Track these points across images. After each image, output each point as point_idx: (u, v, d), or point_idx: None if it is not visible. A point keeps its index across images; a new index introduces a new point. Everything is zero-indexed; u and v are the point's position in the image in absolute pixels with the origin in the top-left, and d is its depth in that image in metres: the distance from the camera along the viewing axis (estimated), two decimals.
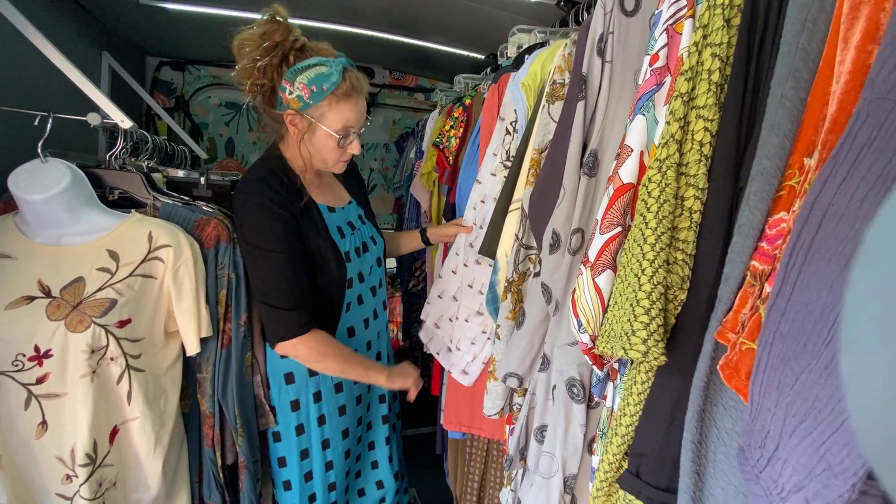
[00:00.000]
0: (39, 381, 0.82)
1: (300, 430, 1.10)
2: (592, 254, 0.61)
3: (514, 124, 1.05)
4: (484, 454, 1.42)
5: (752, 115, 0.52)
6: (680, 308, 0.53)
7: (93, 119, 0.98)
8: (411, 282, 2.18)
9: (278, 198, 0.98)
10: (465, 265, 1.25)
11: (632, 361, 0.63)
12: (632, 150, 0.59)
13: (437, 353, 1.33)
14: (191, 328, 0.95)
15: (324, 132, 0.99)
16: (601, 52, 0.75)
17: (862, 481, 0.31)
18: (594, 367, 0.66)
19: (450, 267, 1.33)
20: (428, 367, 1.96)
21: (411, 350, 2.25)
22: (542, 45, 1.14)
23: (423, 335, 1.42)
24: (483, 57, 1.80)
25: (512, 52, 1.32)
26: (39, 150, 0.89)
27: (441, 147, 1.51)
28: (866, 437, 0.20)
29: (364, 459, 1.29)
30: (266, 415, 1.10)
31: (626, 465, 0.61)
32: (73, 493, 0.84)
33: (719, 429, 0.50)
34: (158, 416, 0.93)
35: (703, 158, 0.53)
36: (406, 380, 1.11)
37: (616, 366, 0.68)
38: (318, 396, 1.11)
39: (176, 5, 1.54)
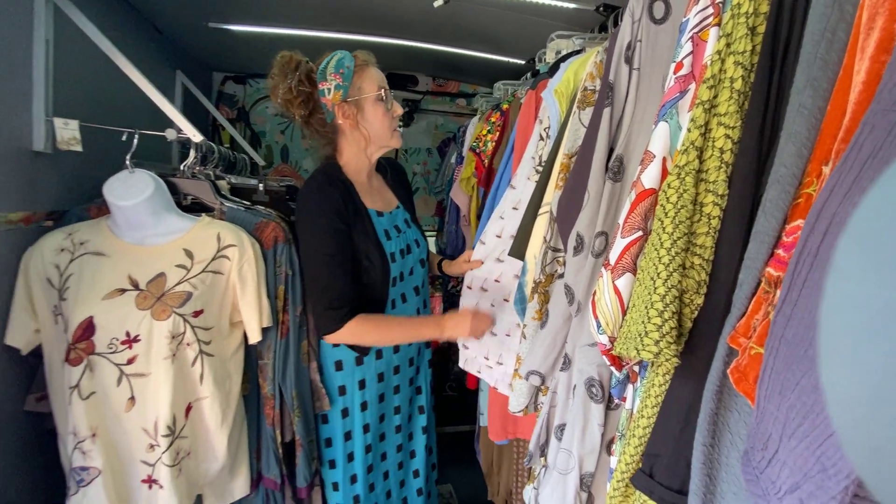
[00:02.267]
0: (129, 361, 0.95)
1: (345, 413, 1.20)
2: (613, 257, 0.63)
3: (547, 130, 1.08)
4: (516, 453, 1.46)
5: (774, 123, 0.53)
6: (697, 312, 0.55)
7: (170, 135, 1.11)
8: (451, 283, 2.24)
9: (334, 206, 1.09)
10: (496, 280, 1.28)
11: (651, 364, 0.65)
12: (654, 156, 0.61)
13: (479, 372, 1.33)
14: (253, 318, 1.06)
15: (370, 101, 1.12)
16: (629, 60, 0.77)
17: (855, 484, 0.32)
18: (612, 369, 0.68)
19: (478, 285, 1.32)
20: None
21: (451, 349, 2.32)
22: (578, 52, 1.16)
23: (461, 357, 1.39)
24: (523, 62, 1.83)
25: (550, 57, 1.35)
26: (128, 162, 1.03)
27: (478, 151, 1.56)
28: (850, 444, 0.21)
29: (405, 449, 1.36)
30: (321, 398, 1.20)
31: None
32: (156, 461, 0.97)
33: (732, 433, 0.51)
34: (225, 396, 1.04)
35: (723, 165, 0.54)
36: (460, 327, 1.16)
37: (636, 368, 0.70)
38: (362, 384, 1.20)
39: (240, 27, 1.70)
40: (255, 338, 1.08)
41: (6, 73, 0.95)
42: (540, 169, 1.06)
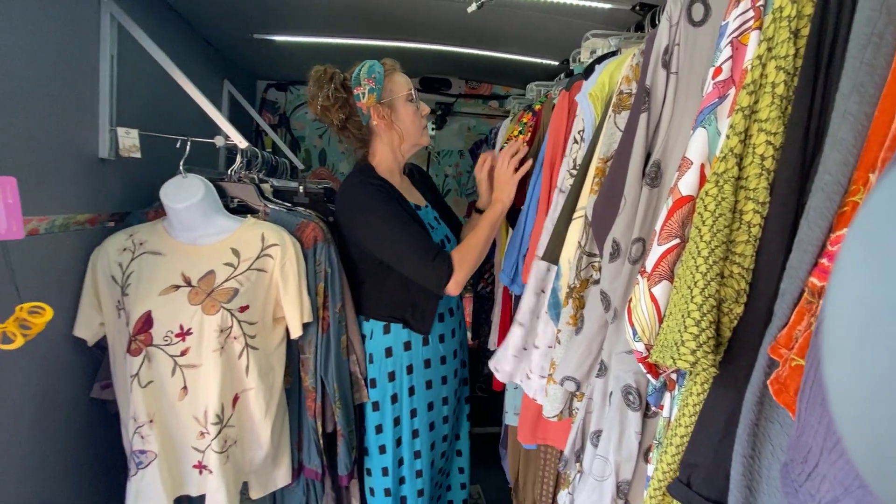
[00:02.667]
0: (182, 353, 1.02)
1: (395, 398, 1.25)
2: (650, 264, 0.63)
3: (581, 133, 1.08)
4: (543, 458, 1.46)
5: (819, 129, 0.52)
6: (736, 321, 0.54)
7: (219, 141, 1.18)
8: (480, 283, 2.25)
9: (381, 191, 1.17)
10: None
11: (689, 373, 0.64)
12: (692, 163, 0.61)
13: (519, 382, 1.31)
14: (294, 314, 1.12)
15: (401, 101, 1.21)
16: (666, 64, 0.76)
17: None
18: (649, 376, 0.68)
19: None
20: None
21: (480, 349, 2.33)
22: (613, 53, 1.15)
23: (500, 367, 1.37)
24: (556, 63, 1.82)
25: (585, 56, 1.34)
26: (181, 168, 1.11)
27: None
28: (852, 442, 0.21)
29: (450, 440, 1.42)
30: (360, 389, 1.25)
31: None
32: (206, 447, 1.04)
33: (774, 445, 0.50)
34: (268, 388, 1.10)
35: (763, 172, 0.54)
36: (507, 189, 1.26)
37: (674, 377, 0.70)
38: (410, 369, 1.26)
39: (282, 37, 1.78)
40: (296, 332, 1.13)
41: (76, 87, 1.04)
42: (574, 172, 1.06)
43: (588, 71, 1.14)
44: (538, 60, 1.86)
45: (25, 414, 0.93)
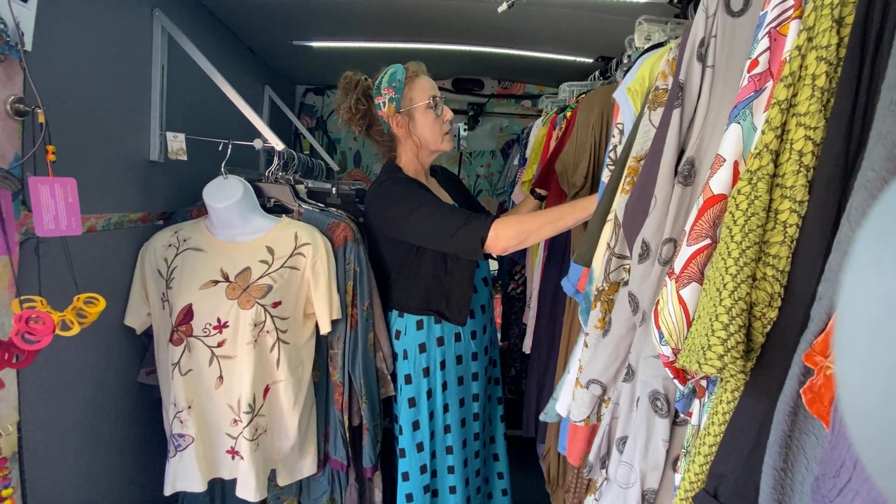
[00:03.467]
0: (219, 344, 1.08)
1: (430, 394, 1.28)
2: (678, 265, 0.61)
3: (620, 127, 1.05)
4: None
5: (863, 123, 0.48)
6: (769, 326, 0.51)
7: (257, 144, 1.24)
8: (511, 284, 2.23)
9: (411, 180, 1.21)
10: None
11: (720, 379, 0.62)
12: (724, 160, 0.58)
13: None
14: (324, 311, 1.15)
15: (420, 110, 1.22)
16: (702, 57, 0.73)
17: None
18: (676, 382, 0.65)
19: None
20: (524, 366, 2.00)
21: (509, 351, 2.31)
22: (655, 47, 1.11)
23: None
24: (591, 61, 1.78)
25: (640, 42, 1.26)
26: (223, 169, 1.17)
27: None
28: (860, 438, 0.21)
29: (489, 448, 1.43)
30: (387, 384, 1.28)
31: None
32: (238, 434, 1.09)
33: (809, 459, 0.47)
34: (297, 381, 1.14)
35: (802, 169, 0.50)
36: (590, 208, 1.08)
37: (704, 383, 0.66)
38: (443, 364, 1.28)
39: (318, 43, 1.84)
40: (325, 328, 1.17)
41: (131, 95, 1.12)
42: (612, 168, 1.03)
43: (630, 66, 1.10)
44: (572, 58, 1.83)
45: (83, 394, 1.01)
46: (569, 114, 1.45)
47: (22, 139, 0.77)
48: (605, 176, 1.08)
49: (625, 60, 1.34)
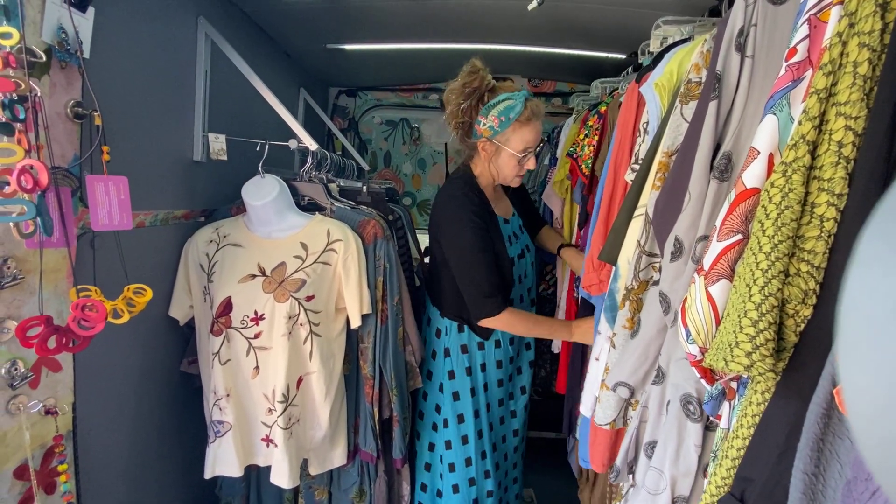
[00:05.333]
0: (256, 336, 1.13)
1: (473, 392, 1.33)
2: (708, 262, 0.59)
3: (645, 125, 1.03)
4: None
5: None
6: (803, 325, 0.49)
7: (292, 144, 1.29)
8: (542, 285, 2.21)
9: (478, 210, 1.24)
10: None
11: (751, 379, 0.59)
12: (758, 153, 0.56)
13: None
14: (355, 305, 1.19)
15: (508, 153, 1.24)
16: (741, 48, 0.71)
17: None
18: (703, 382, 0.64)
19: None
20: (554, 367, 1.98)
21: (538, 350, 2.28)
22: (683, 41, 1.09)
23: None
24: (623, 56, 1.74)
25: (655, 46, 1.26)
26: (260, 169, 1.22)
27: (575, 156, 1.53)
28: (863, 438, 0.20)
29: (520, 434, 1.49)
30: (415, 377, 1.33)
31: None
32: (273, 423, 1.13)
33: (842, 464, 0.45)
34: (329, 373, 1.18)
35: (841, 161, 0.48)
36: (588, 334, 1.22)
37: (734, 385, 0.64)
38: (483, 367, 1.34)
39: (351, 46, 1.89)
40: (356, 322, 1.20)
41: (178, 99, 1.19)
42: (637, 167, 1.01)
43: (656, 60, 1.08)
44: (604, 55, 1.80)
45: (130, 381, 1.08)
46: (603, 109, 1.42)
47: (80, 140, 0.84)
48: (630, 176, 1.06)
49: (643, 63, 1.32)
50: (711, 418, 0.71)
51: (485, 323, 1.24)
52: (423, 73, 2.30)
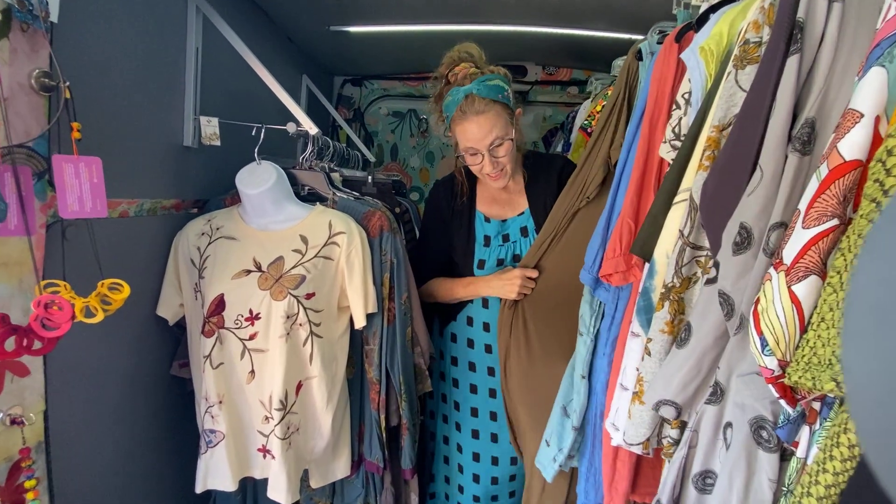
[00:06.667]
0: (251, 337, 1.02)
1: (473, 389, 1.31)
2: (790, 254, 0.47)
3: (686, 96, 0.90)
4: None
5: None
6: None
7: (290, 128, 1.18)
8: None
9: (436, 202, 1.28)
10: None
11: (841, 401, 0.48)
12: (861, 116, 0.45)
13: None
14: (359, 304, 1.08)
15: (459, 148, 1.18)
16: None
17: None
18: (782, 402, 0.52)
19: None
20: None
21: None
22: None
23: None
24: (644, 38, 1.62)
25: (676, 9, 1.14)
26: (256, 155, 1.12)
27: (588, 130, 1.40)
28: (864, 426, 0.20)
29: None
30: (424, 380, 1.23)
31: None
32: (270, 432, 1.03)
33: None
34: (331, 377, 1.07)
35: None
36: (509, 284, 1.15)
37: (816, 405, 0.53)
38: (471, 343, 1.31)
39: (356, 28, 1.78)
40: (360, 322, 1.10)
41: (165, 78, 1.09)
42: (677, 145, 0.89)
43: (701, 21, 0.94)
44: (625, 36, 1.68)
45: (114, 385, 0.99)
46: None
47: (49, 116, 0.74)
48: (666, 152, 0.94)
49: (677, 14, 1.20)
50: (786, 444, 0.59)
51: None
52: (431, 59, 2.18)
